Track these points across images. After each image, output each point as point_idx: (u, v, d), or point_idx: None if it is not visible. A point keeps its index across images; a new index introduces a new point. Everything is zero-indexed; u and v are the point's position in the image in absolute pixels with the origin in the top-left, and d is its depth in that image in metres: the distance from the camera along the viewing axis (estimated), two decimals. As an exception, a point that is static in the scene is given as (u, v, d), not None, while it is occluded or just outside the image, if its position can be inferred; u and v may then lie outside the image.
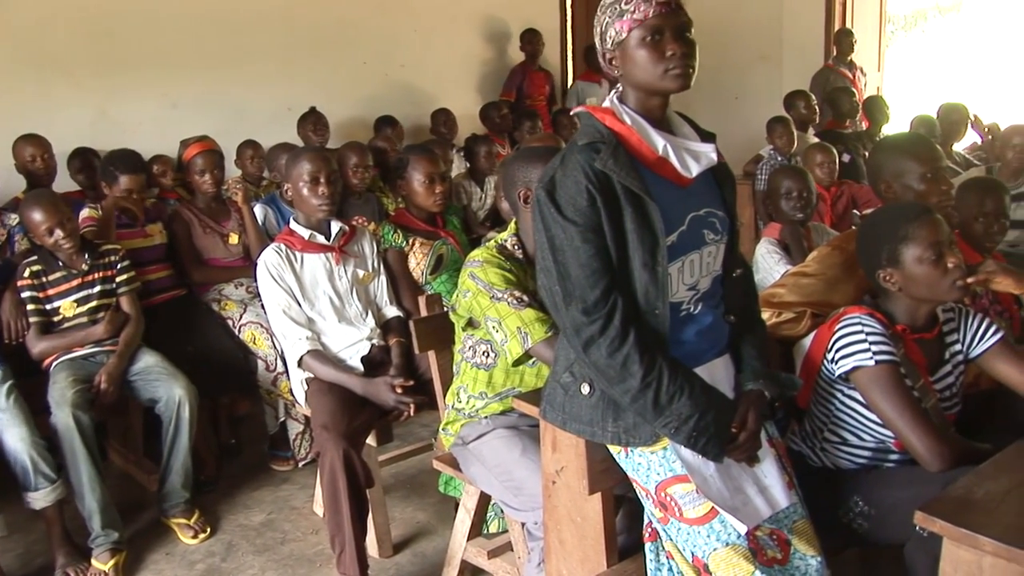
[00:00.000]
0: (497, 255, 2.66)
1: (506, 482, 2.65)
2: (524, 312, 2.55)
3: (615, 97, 2.12)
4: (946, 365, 2.48)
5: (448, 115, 6.86)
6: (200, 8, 6.18)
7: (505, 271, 2.61)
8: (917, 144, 2.92)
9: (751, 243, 4.08)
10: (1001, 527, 1.79)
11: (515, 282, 2.60)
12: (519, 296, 2.56)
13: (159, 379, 3.61)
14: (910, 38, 18.56)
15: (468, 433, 2.79)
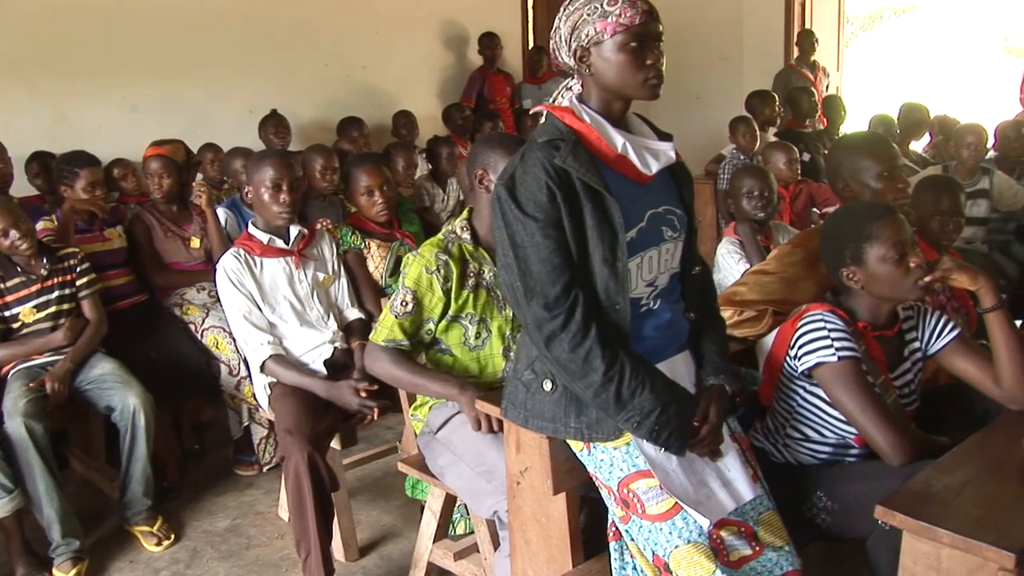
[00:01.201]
0: (436, 251, 2.70)
1: (477, 467, 2.65)
2: (389, 316, 2.70)
3: (574, 97, 2.13)
4: (906, 362, 2.51)
5: (409, 117, 6.85)
6: (160, 10, 6.13)
7: (427, 273, 2.66)
8: (874, 143, 2.95)
9: (714, 242, 4.11)
10: (958, 519, 1.81)
11: (423, 289, 2.67)
12: (405, 302, 2.67)
13: (113, 388, 3.57)
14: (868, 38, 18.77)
15: (435, 419, 2.81)
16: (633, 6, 2.01)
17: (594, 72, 2.07)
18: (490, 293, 2.75)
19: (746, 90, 7.15)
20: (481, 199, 2.76)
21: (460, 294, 2.69)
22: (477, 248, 2.76)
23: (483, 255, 2.76)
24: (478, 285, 2.72)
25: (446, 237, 2.77)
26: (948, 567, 1.82)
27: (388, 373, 2.73)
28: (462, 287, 2.69)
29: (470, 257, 2.74)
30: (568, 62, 2.12)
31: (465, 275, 2.71)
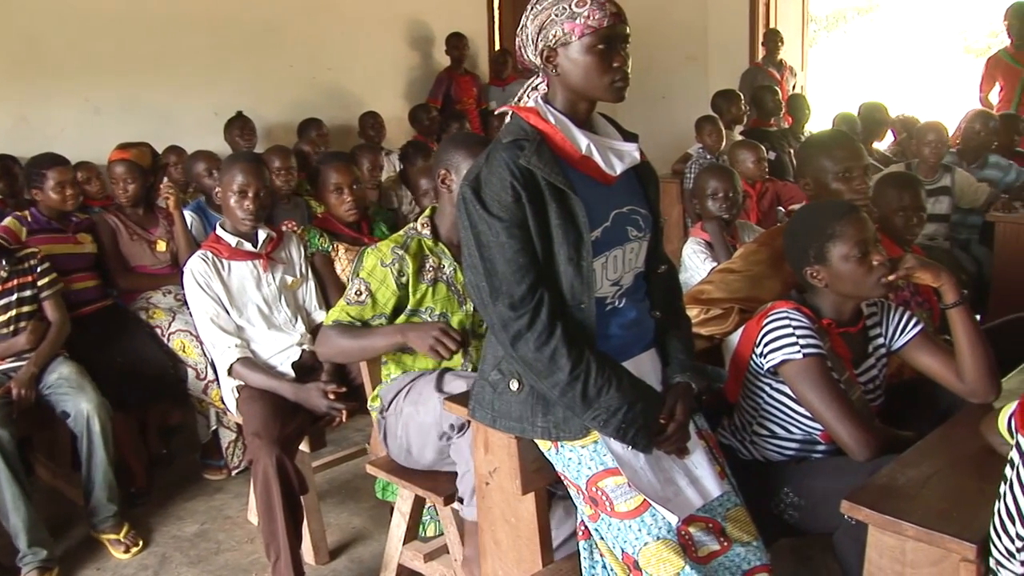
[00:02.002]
0: (392, 246, 2.75)
1: (440, 396, 2.66)
2: (340, 303, 2.77)
3: (539, 97, 2.14)
4: (870, 358, 2.53)
5: (376, 118, 6.84)
6: (123, 11, 6.09)
7: (381, 266, 2.72)
8: (836, 143, 2.98)
9: (681, 241, 4.13)
10: (922, 512, 1.84)
11: (377, 281, 2.72)
12: (358, 291, 2.73)
13: (67, 393, 3.51)
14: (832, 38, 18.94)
15: (386, 397, 2.84)
16: (602, 8, 2.02)
17: (560, 73, 2.08)
18: (450, 288, 2.77)
19: (712, 90, 7.20)
20: (443, 198, 2.79)
21: (418, 288, 2.72)
22: (437, 243, 2.79)
23: (443, 250, 2.79)
24: (437, 279, 2.75)
25: (406, 233, 2.81)
26: (912, 559, 1.84)
27: (337, 347, 2.77)
28: (420, 280, 2.72)
29: (429, 252, 2.76)
30: (534, 61, 2.13)
31: (423, 269, 2.74)
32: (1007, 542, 1.63)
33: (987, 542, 1.71)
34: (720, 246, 3.82)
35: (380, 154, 5.66)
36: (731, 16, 8.67)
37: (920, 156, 5.15)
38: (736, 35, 8.67)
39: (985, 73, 7.31)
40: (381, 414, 2.89)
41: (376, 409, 2.93)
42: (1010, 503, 1.61)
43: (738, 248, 3.28)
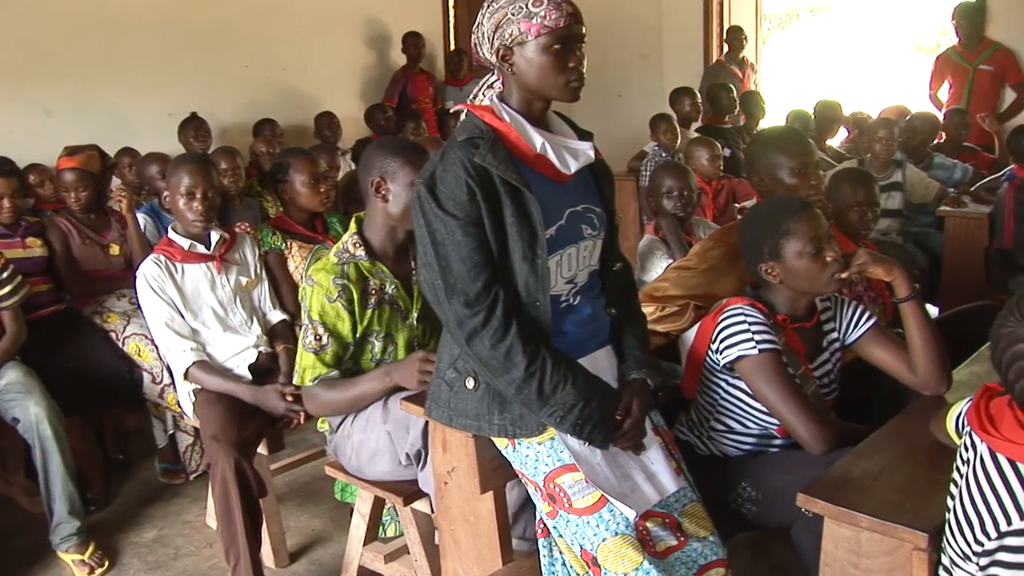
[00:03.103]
0: (332, 276, 2.65)
1: (386, 422, 2.65)
2: (305, 354, 2.67)
3: (494, 95, 2.14)
4: (824, 352, 2.56)
5: (332, 118, 6.81)
6: (74, 11, 6.01)
7: (328, 302, 2.63)
8: (789, 139, 2.99)
9: (637, 238, 4.16)
10: (876, 503, 1.86)
11: (330, 317, 2.64)
12: (318, 335, 2.64)
13: (15, 398, 3.42)
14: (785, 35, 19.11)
15: (333, 418, 2.83)
16: (558, 8, 2.02)
17: (516, 72, 2.08)
18: (393, 307, 2.73)
19: (667, 87, 7.24)
20: (375, 208, 2.72)
21: (364, 314, 2.67)
22: (374, 263, 2.71)
23: (382, 269, 2.72)
24: (381, 301, 2.71)
25: (339, 258, 2.69)
26: (867, 550, 1.86)
27: (328, 403, 2.71)
28: (365, 307, 2.67)
29: (369, 274, 2.69)
30: (490, 59, 2.13)
31: (367, 294, 2.68)
32: (963, 545, 1.64)
33: (940, 532, 1.74)
34: (676, 243, 3.84)
35: (337, 154, 5.65)
36: (686, 14, 8.72)
37: (872, 152, 5.23)
38: (691, 33, 8.72)
39: (934, 70, 7.44)
40: (331, 435, 2.88)
41: (326, 430, 2.93)
42: (967, 506, 1.63)
43: (694, 245, 3.30)
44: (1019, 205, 4.65)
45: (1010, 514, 1.55)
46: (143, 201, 4.84)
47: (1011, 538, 1.54)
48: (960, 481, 1.68)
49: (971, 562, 1.63)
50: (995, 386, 1.68)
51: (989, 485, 1.60)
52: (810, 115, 6.47)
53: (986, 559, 1.59)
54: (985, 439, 1.63)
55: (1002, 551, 1.55)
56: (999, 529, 1.56)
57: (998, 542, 1.56)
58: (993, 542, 1.57)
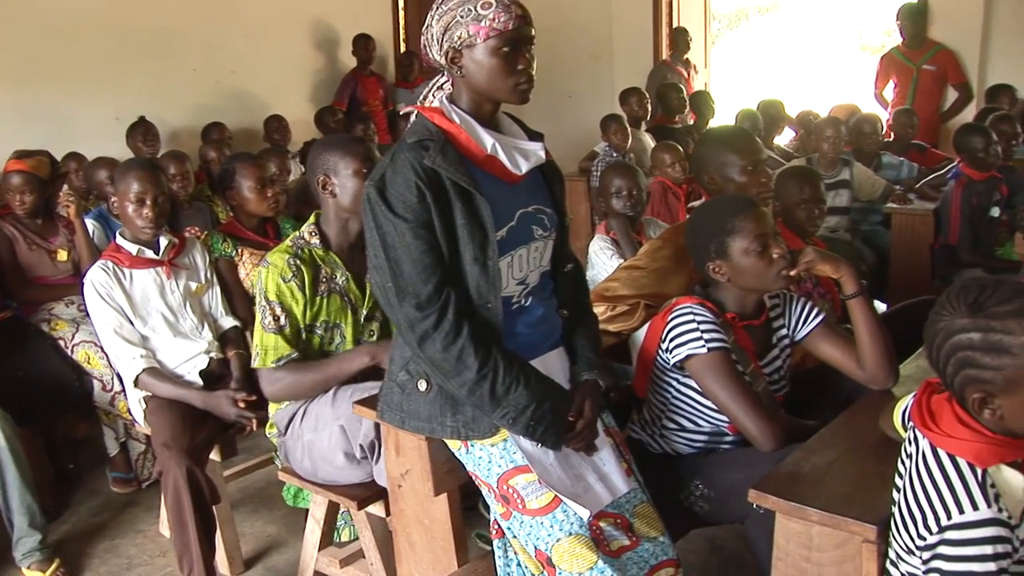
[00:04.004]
0: (287, 258, 2.68)
1: (338, 418, 2.64)
2: (266, 335, 2.66)
3: (444, 97, 2.14)
4: (774, 349, 2.58)
5: (281, 121, 6.78)
6: (19, 15, 5.93)
7: (283, 282, 2.65)
8: (738, 137, 3.02)
9: (589, 238, 4.17)
10: (826, 497, 1.88)
11: (287, 298, 2.65)
12: (276, 315, 2.65)
13: None
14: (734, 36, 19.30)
15: (281, 422, 2.81)
16: (507, 11, 2.02)
17: (465, 74, 2.08)
18: (343, 298, 2.75)
19: (617, 88, 7.28)
20: (327, 205, 2.77)
21: (314, 301, 2.69)
22: (328, 252, 2.76)
23: (335, 259, 2.76)
24: (331, 291, 2.72)
25: (295, 243, 2.75)
26: (818, 543, 1.88)
27: (295, 386, 2.69)
28: (315, 293, 2.69)
29: (322, 262, 2.73)
30: (439, 61, 2.13)
31: (317, 281, 2.71)
32: (906, 539, 1.67)
33: (887, 525, 1.76)
34: (626, 243, 3.87)
35: (287, 158, 5.60)
36: (635, 15, 8.76)
37: (819, 151, 5.30)
38: (640, 34, 8.78)
39: (880, 70, 7.58)
40: (280, 439, 2.87)
41: (273, 435, 2.91)
42: (910, 501, 1.65)
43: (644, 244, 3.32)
44: (964, 202, 4.73)
45: (950, 509, 1.57)
46: (91, 206, 4.78)
47: (951, 532, 1.56)
48: (904, 475, 1.71)
49: (915, 556, 1.65)
50: (936, 381, 1.70)
51: (931, 480, 1.62)
52: (758, 115, 6.54)
53: (928, 553, 1.61)
54: (926, 434, 1.65)
55: (943, 545, 1.57)
56: (940, 524, 1.58)
57: (939, 536, 1.58)
58: (934, 536, 1.59)
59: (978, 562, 1.53)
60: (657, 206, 4.92)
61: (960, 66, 7.22)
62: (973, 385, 1.56)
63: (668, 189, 5.06)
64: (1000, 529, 1.54)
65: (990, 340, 1.52)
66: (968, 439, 1.60)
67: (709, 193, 2.97)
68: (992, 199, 4.73)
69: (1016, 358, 1.50)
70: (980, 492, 1.56)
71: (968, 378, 1.56)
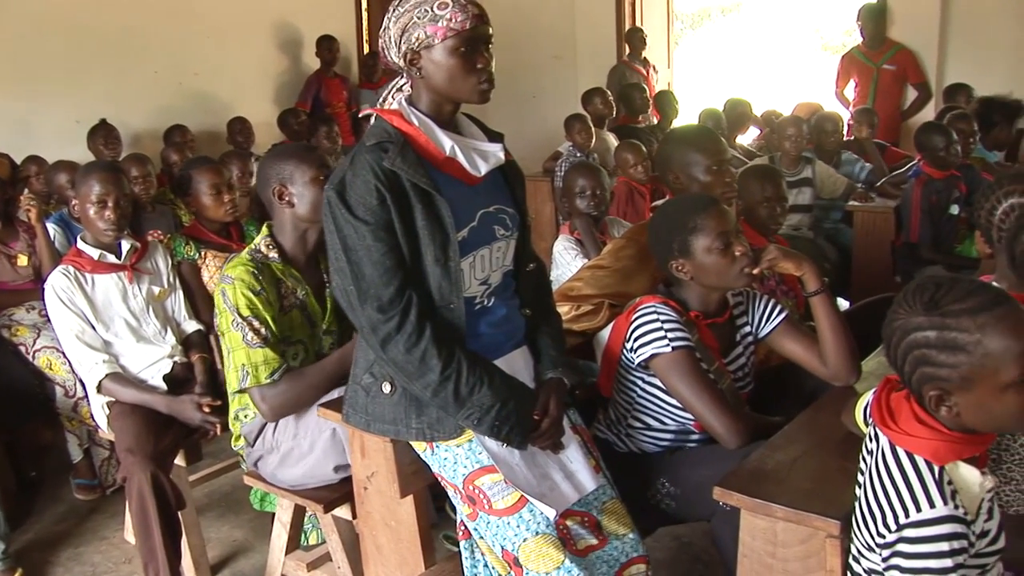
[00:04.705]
0: (250, 271, 2.63)
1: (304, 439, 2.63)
2: (253, 351, 2.58)
3: (403, 99, 2.14)
4: (738, 347, 2.59)
5: (244, 123, 6.74)
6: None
7: (254, 295, 2.59)
8: (703, 137, 3.03)
9: (554, 238, 4.18)
10: (790, 494, 1.89)
11: (261, 310, 2.59)
12: (256, 329, 2.58)
13: None
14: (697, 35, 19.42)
15: (250, 434, 2.78)
16: (464, 10, 2.02)
17: (424, 75, 2.08)
18: (303, 312, 2.72)
19: (581, 88, 7.30)
20: (283, 215, 2.73)
21: (279, 317, 2.65)
22: (287, 267, 2.72)
23: (294, 274, 2.72)
24: (292, 306, 2.70)
25: (253, 257, 2.68)
26: (783, 539, 1.89)
27: (299, 396, 2.62)
28: (280, 309, 2.66)
29: (282, 276, 2.70)
30: (397, 63, 2.13)
31: (281, 296, 2.68)
32: (867, 536, 1.68)
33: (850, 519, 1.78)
34: (590, 243, 3.87)
35: (250, 160, 5.56)
36: (598, 15, 8.80)
37: (782, 149, 5.34)
38: (603, 34, 8.81)
39: (840, 69, 7.66)
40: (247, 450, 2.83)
41: (240, 447, 2.87)
42: (871, 498, 1.66)
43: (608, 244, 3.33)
44: (925, 200, 4.78)
45: (908, 507, 1.59)
46: (52, 210, 4.73)
47: (909, 530, 1.57)
48: (865, 472, 1.72)
49: (875, 553, 1.67)
50: (896, 378, 1.71)
51: (889, 478, 1.63)
52: (722, 114, 6.58)
53: (888, 551, 1.62)
54: (885, 432, 1.67)
55: (901, 543, 1.58)
56: (898, 522, 1.59)
57: (897, 535, 1.59)
58: (893, 535, 1.60)
59: (935, 559, 1.55)
60: (623, 206, 4.94)
61: (919, 66, 7.31)
62: (930, 383, 1.57)
63: (634, 189, 5.09)
64: (956, 526, 1.55)
65: (945, 338, 1.53)
66: (925, 437, 1.61)
67: (673, 192, 2.98)
68: (951, 197, 4.78)
69: (971, 355, 1.51)
70: (937, 490, 1.58)
71: (925, 376, 1.57)
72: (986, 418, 1.58)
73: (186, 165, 4.12)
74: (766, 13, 19.20)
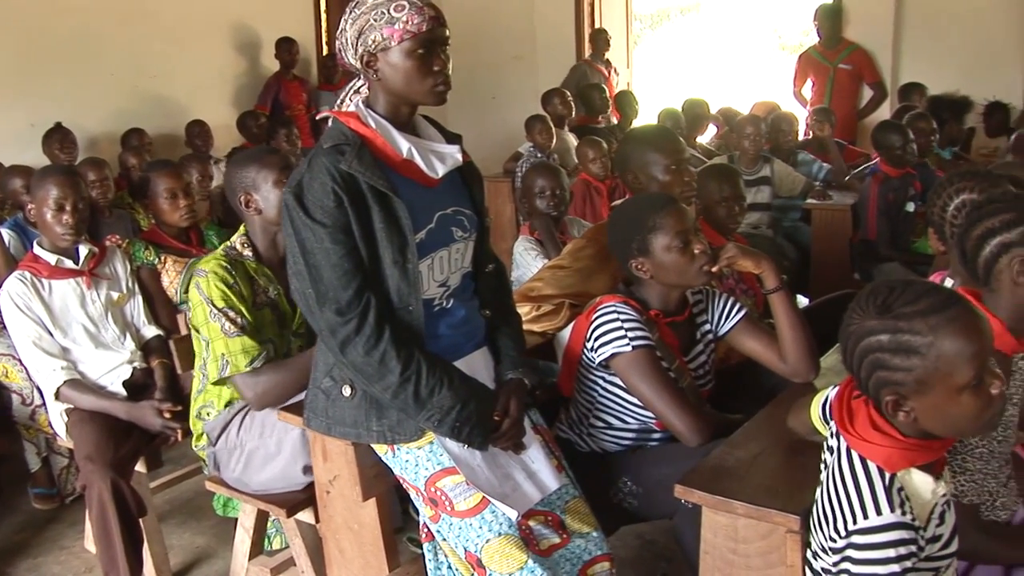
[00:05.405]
0: (223, 264, 2.63)
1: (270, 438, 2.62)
2: (232, 340, 2.56)
3: (360, 101, 2.14)
4: (698, 345, 2.61)
5: (203, 127, 6.67)
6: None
7: (227, 287, 2.58)
8: (662, 137, 3.05)
9: (515, 239, 4.18)
10: (751, 490, 1.91)
11: (235, 301, 2.58)
12: (233, 319, 2.56)
13: None
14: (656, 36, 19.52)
15: (214, 428, 2.76)
16: (420, 13, 2.02)
17: (381, 77, 2.08)
18: (274, 311, 2.71)
19: (541, 89, 7.30)
20: (253, 223, 2.73)
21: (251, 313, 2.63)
22: (260, 265, 2.72)
23: (267, 272, 2.72)
24: (263, 304, 2.69)
25: (227, 254, 2.69)
26: (744, 535, 1.91)
27: (282, 383, 2.57)
28: (253, 306, 2.64)
29: (255, 274, 2.69)
30: (354, 64, 2.12)
31: (254, 292, 2.67)
32: (822, 538, 1.70)
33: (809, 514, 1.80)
34: (550, 243, 3.88)
35: (208, 163, 5.53)
36: (557, 16, 8.81)
37: (740, 149, 5.38)
38: (562, 34, 8.82)
39: (798, 69, 7.75)
40: (209, 449, 2.81)
41: (201, 447, 2.85)
42: (826, 501, 1.68)
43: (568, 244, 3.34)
44: (882, 197, 4.84)
45: (856, 513, 1.60)
46: (6, 216, 4.67)
47: (857, 536, 1.59)
48: (825, 471, 1.74)
49: (830, 554, 1.68)
50: None
51: (843, 482, 1.64)
52: (680, 113, 6.61)
53: (838, 556, 1.63)
54: (843, 435, 1.68)
55: (850, 548, 1.60)
56: (847, 528, 1.60)
57: (847, 540, 1.60)
58: (842, 541, 1.61)
59: (882, 565, 1.55)
60: (580, 205, 4.95)
61: (874, 65, 7.40)
62: (886, 388, 1.57)
63: (590, 187, 5.10)
64: (904, 532, 1.56)
65: (899, 341, 1.53)
66: (879, 444, 1.62)
67: (633, 192, 3.00)
68: (907, 194, 4.84)
69: (925, 358, 1.51)
70: (885, 497, 1.58)
71: (880, 380, 1.57)
72: (943, 422, 1.58)
73: (146, 168, 4.09)
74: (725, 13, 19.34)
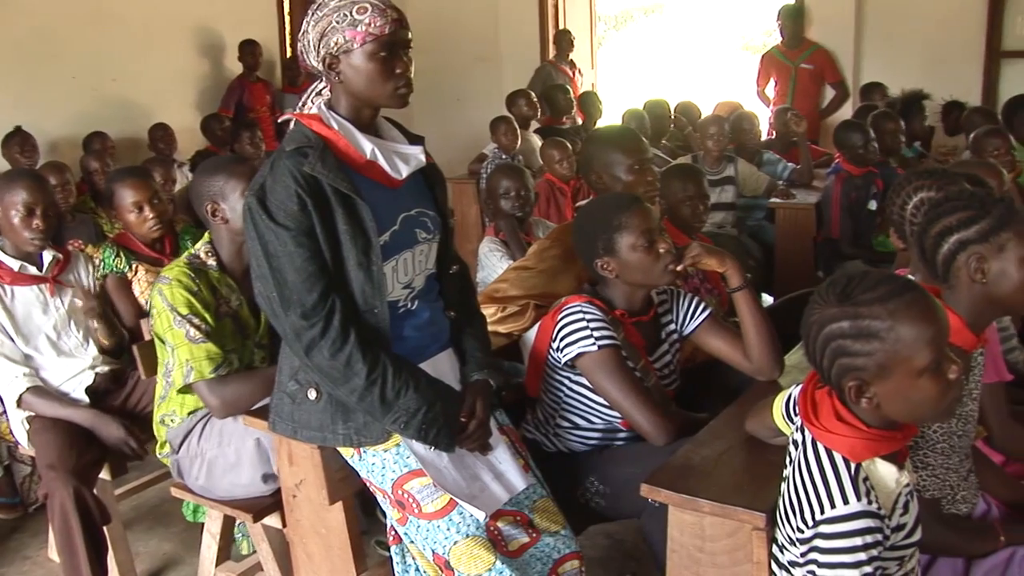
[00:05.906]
0: (187, 272, 2.62)
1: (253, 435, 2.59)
2: (196, 347, 2.54)
3: (323, 103, 2.13)
4: (663, 344, 2.62)
5: (167, 130, 6.62)
6: None
7: (191, 294, 2.57)
8: (625, 137, 3.07)
9: (480, 240, 4.18)
10: (716, 488, 1.92)
11: (199, 308, 2.57)
12: (197, 325, 2.55)
13: None
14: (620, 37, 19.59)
15: (174, 439, 2.74)
16: (382, 15, 2.02)
17: (343, 79, 2.08)
18: (235, 321, 2.70)
19: (505, 90, 7.31)
20: (219, 231, 2.72)
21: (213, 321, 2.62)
22: (223, 275, 2.70)
23: (229, 282, 2.71)
24: (225, 314, 2.67)
25: (191, 261, 2.67)
26: (710, 533, 1.92)
27: (246, 392, 2.56)
28: (215, 316, 2.63)
29: (217, 284, 2.67)
30: (316, 66, 2.12)
31: (217, 301, 2.65)
32: (789, 530, 1.72)
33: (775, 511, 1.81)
34: (515, 244, 3.89)
35: (172, 167, 5.48)
36: (521, 17, 8.82)
37: (704, 148, 5.41)
38: (526, 36, 8.84)
39: (761, 69, 7.81)
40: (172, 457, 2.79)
41: (164, 455, 2.83)
42: (792, 493, 1.69)
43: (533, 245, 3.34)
44: (844, 196, 4.89)
45: (823, 503, 1.62)
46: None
47: (824, 526, 1.61)
48: (790, 464, 1.76)
49: (795, 547, 1.70)
50: None
51: (809, 473, 1.67)
52: (645, 114, 6.65)
53: (805, 546, 1.66)
54: (808, 427, 1.70)
55: (818, 538, 1.62)
56: (815, 518, 1.63)
57: (814, 531, 1.63)
58: (810, 531, 1.64)
59: (848, 553, 1.58)
60: (544, 206, 4.95)
61: (836, 65, 7.48)
62: (848, 374, 1.60)
63: (555, 188, 5.11)
64: (870, 521, 1.59)
65: (859, 326, 1.57)
66: (843, 434, 1.64)
67: (597, 192, 3.01)
68: (870, 193, 4.89)
69: (884, 342, 1.55)
70: (852, 486, 1.61)
71: (843, 368, 1.60)
72: (905, 406, 1.62)
73: (109, 178, 3.99)
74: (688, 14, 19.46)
